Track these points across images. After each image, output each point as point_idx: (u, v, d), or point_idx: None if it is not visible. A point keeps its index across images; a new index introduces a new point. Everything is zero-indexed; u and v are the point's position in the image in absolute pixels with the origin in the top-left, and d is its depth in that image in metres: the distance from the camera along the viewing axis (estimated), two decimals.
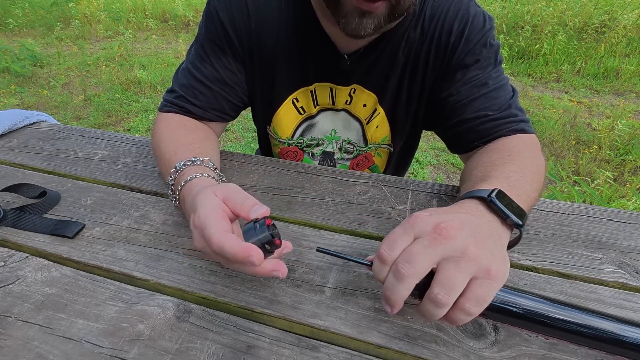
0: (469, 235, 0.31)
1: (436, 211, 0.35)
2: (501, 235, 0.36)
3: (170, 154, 0.51)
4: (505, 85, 0.57)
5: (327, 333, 0.38)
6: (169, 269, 0.44)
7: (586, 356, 0.36)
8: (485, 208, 0.37)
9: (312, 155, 0.76)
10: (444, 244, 0.30)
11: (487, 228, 0.34)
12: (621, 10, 3.47)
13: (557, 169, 2.06)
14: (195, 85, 0.60)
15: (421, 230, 0.32)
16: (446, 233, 0.30)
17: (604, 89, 2.95)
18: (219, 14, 0.57)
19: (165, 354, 0.36)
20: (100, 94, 2.98)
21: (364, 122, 0.68)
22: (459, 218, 0.33)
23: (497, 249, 0.32)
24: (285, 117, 0.68)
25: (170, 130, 0.56)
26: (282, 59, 0.61)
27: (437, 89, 0.60)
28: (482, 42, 0.56)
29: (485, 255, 0.30)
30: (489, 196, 0.37)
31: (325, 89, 0.64)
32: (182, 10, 4.56)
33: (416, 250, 0.30)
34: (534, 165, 0.48)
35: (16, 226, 0.50)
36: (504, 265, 0.31)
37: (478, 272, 0.30)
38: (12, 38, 4.18)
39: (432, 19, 0.56)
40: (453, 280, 0.29)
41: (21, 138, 0.72)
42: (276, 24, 0.58)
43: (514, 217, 0.36)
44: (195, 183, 0.43)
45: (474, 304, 0.30)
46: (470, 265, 0.30)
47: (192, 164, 0.47)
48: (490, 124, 0.55)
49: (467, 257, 0.30)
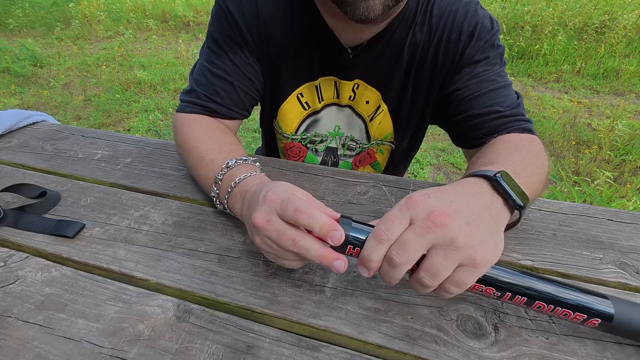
0: (463, 223, 0.32)
1: (435, 192, 0.34)
2: (500, 218, 0.36)
3: (213, 152, 0.51)
4: (511, 86, 0.58)
5: (327, 333, 0.38)
6: (169, 269, 0.44)
7: (586, 356, 0.36)
8: (490, 187, 0.37)
9: (315, 152, 0.76)
10: (435, 232, 0.31)
11: (486, 212, 0.34)
12: (621, 11, 3.48)
13: (557, 169, 2.06)
14: (215, 81, 0.59)
15: (416, 215, 0.32)
16: (439, 221, 0.31)
17: (604, 89, 2.95)
18: (230, 9, 0.58)
19: (165, 354, 0.36)
20: (100, 94, 2.98)
21: (367, 119, 0.68)
22: (457, 203, 0.33)
23: (490, 234, 0.33)
24: (290, 111, 0.68)
25: (206, 131, 0.56)
26: (287, 54, 0.62)
27: (446, 85, 0.60)
28: (490, 43, 0.56)
29: (474, 244, 0.31)
30: (495, 175, 0.37)
31: (330, 83, 0.65)
32: (182, 10, 4.56)
33: (409, 238, 0.32)
34: (540, 160, 0.48)
35: (16, 226, 0.50)
36: (492, 252, 0.33)
37: (464, 260, 0.31)
38: (12, 38, 4.19)
39: (441, 19, 0.57)
40: (438, 267, 0.32)
41: (21, 138, 0.72)
42: (282, 18, 0.59)
43: (517, 198, 0.36)
44: (256, 178, 0.45)
45: (454, 287, 0.33)
46: (458, 254, 0.31)
47: (244, 162, 0.48)
48: (501, 120, 0.55)
49: (455, 246, 0.31)
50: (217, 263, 0.45)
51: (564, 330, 0.38)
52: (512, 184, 0.38)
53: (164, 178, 0.60)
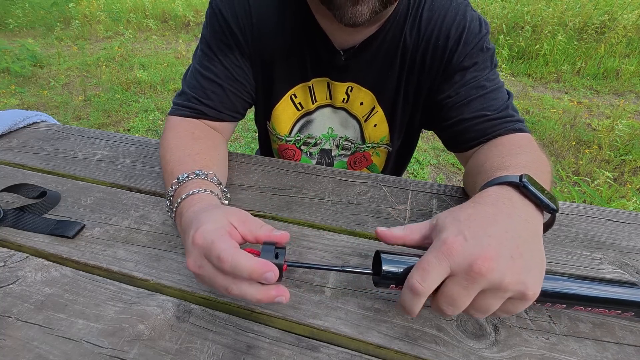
0: (507, 259, 0.31)
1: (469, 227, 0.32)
2: (537, 229, 0.35)
3: (174, 164, 0.50)
4: (501, 87, 0.58)
5: (327, 333, 0.38)
6: (169, 269, 0.44)
7: (586, 356, 0.36)
8: (520, 195, 0.36)
9: (309, 155, 0.76)
10: (482, 282, 0.30)
11: (524, 230, 0.33)
12: (621, 11, 3.48)
13: (557, 169, 2.06)
14: (206, 84, 0.59)
15: (457, 266, 0.31)
16: (484, 270, 0.30)
17: (604, 89, 2.95)
18: (222, 11, 0.58)
19: (165, 354, 0.36)
20: (100, 94, 2.98)
21: (361, 120, 0.68)
22: (495, 237, 0.32)
23: (532, 257, 0.32)
24: (284, 113, 0.68)
25: (177, 139, 0.55)
26: (281, 54, 0.62)
27: (435, 91, 0.60)
28: (479, 46, 0.56)
29: (522, 279, 0.31)
30: (522, 181, 0.36)
31: (323, 84, 0.65)
32: (182, 10, 4.56)
33: (458, 294, 0.31)
34: (543, 159, 0.48)
35: (16, 226, 0.50)
36: (539, 277, 0.32)
37: (514, 295, 0.31)
38: (12, 38, 4.18)
39: (429, 23, 0.57)
40: (489, 307, 0.32)
41: (21, 138, 0.72)
42: (274, 19, 0.59)
43: (549, 202, 0.36)
44: (196, 198, 0.42)
45: (504, 314, 0.34)
46: (507, 293, 0.31)
47: (196, 177, 0.46)
48: (489, 123, 0.55)
49: (505, 288, 0.31)
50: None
51: (564, 330, 0.38)
52: (539, 187, 0.36)
53: None
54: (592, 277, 0.36)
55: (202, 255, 0.33)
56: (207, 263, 0.33)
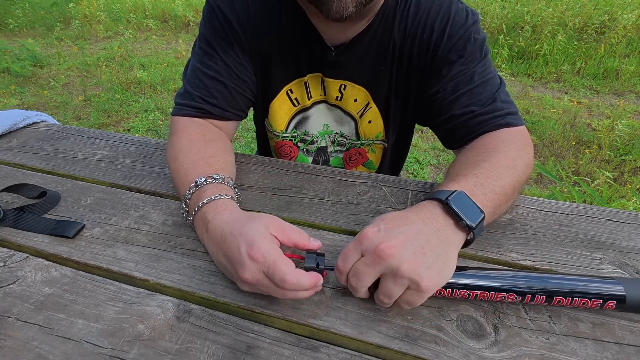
0: (409, 253, 0.35)
1: (387, 224, 0.38)
2: (450, 240, 0.39)
3: (188, 166, 0.50)
4: (491, 78, 0.57)
5: (327, 333, 0.38)
6: (169, 269, 0.44)
7: (586, 356, 0.36)
8: (442, 211, 0.40)
9: (306, 152, 0.76)
10: (381, 264, 0.35)
11: (435, 237, 0.38)
12: (621, 11, 3.48)
13: (557, 169, 2.06)
14: (209, 83, 0.59)
15: (366, 249, 0.36)
16: (384, 254, 0.35)
17: (603, 89, 2.95)
18: (221, 8, 0.58)
19: (165, 354, 0.36)
20: (100, 94, 2.98)
21: (356, 116, 0.69)
22: (404, 234, 0.36)
23: (436, 259, 0.36)
24: (280, 108, 0.69)
25: (189, 140, 0.55)
26: (277, 50, 0.62)
27: (425, 86, 0.60)
28: (465, 38, 0.55)
29: (419, 271, 0.35)
30: (447, 199, 0.40)
31: (317, 79, 0.66)
32: (182, 10, 4.56)
33: (360, 269, 0.37)
34: (509, 159, 0.48)
35: (16, 226, 0.50)
36: (437, 276, 0.36)
37: (410, 284, 0.36)
38: (12, 38, 4.18)
39: (415, 17, 0.57)
40: (390, 291, 0.36)
41: (21, 138, 0.72)
42: (272, 15, 0.60)
43: (467, 220, 0.39)
44: (220, 205, 0.44)
45: (406, 305, 0.37)
46: (404, 280, 0.35)
47: (214, 181, 0.47)
48: (476, 119, 0.55)
49: (401, 274, 0.35)
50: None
51: (564, 330, 0.38)
52: (465, 204, 0.40)
53: (164, 178, 0.60)
54: (570, 274, 0.40)
55: (261, 271, 0.37)
56: (264, 277, 0.37)
